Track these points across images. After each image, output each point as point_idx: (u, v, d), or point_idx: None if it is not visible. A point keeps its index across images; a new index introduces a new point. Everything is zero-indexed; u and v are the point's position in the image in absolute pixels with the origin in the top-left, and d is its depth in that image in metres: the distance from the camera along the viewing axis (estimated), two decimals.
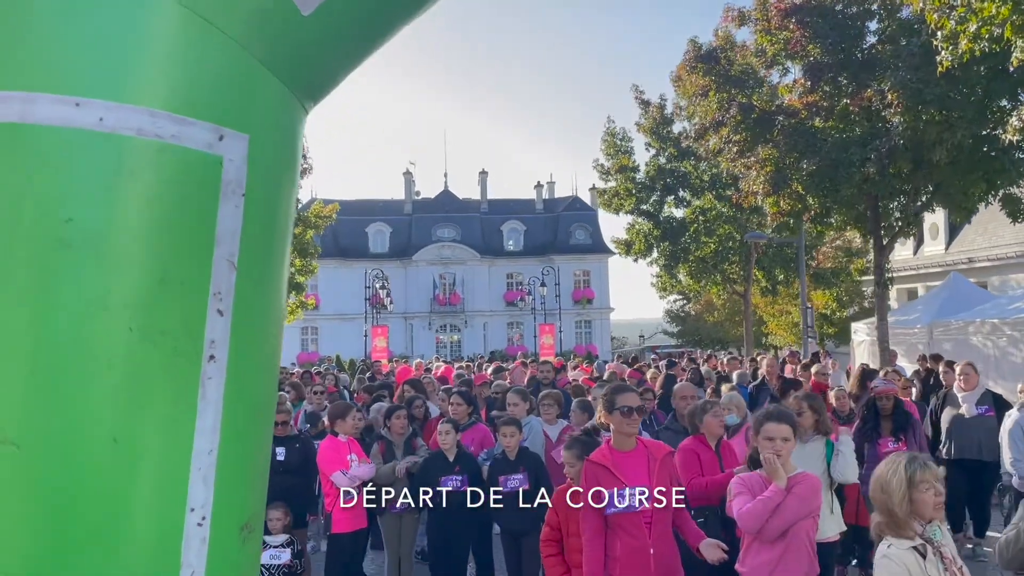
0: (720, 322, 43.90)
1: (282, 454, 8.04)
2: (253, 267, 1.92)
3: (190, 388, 1.79)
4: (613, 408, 4.55)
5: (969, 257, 32.29)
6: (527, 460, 7.02)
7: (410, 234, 63.53)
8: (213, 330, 1.83)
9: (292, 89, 2.08)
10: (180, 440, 1.78)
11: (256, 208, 1.92)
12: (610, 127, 23.24)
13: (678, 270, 22.87)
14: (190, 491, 1.78)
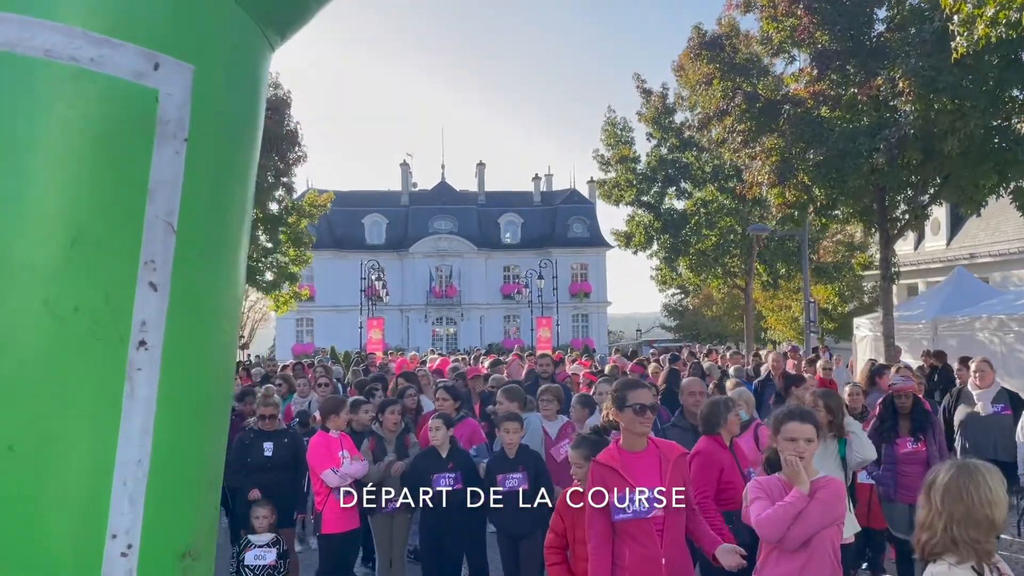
0: (719, 316, 43.58)
1: (270, 450, 7.66)
2: (198, 232, 1.52)
3: (112, 382, 1.39)
4: (624, 405, 4.17)
5: (971, 252, 31.99)
6: (527, 458, 6.66)
7: (407, 226, 63.13)
8: (144, 309, 1.42)
9: (254, 17, 1.68)
10: (99, 448, 1.38)
11: (203, 157, 1.52)
12: (610, 117, 22.87)
13: (678, 263, 22.46)
14: (111, 512, 1.38)
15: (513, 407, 7.39)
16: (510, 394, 7.62)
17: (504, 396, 7.64)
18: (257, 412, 7.74)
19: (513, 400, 7.50)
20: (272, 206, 22.44)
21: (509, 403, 7.48)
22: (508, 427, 6.57)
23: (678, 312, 51.19)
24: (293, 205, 23.18)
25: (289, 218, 22.83)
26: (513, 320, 63.39)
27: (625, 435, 4.24)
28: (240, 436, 7.81)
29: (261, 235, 22.54)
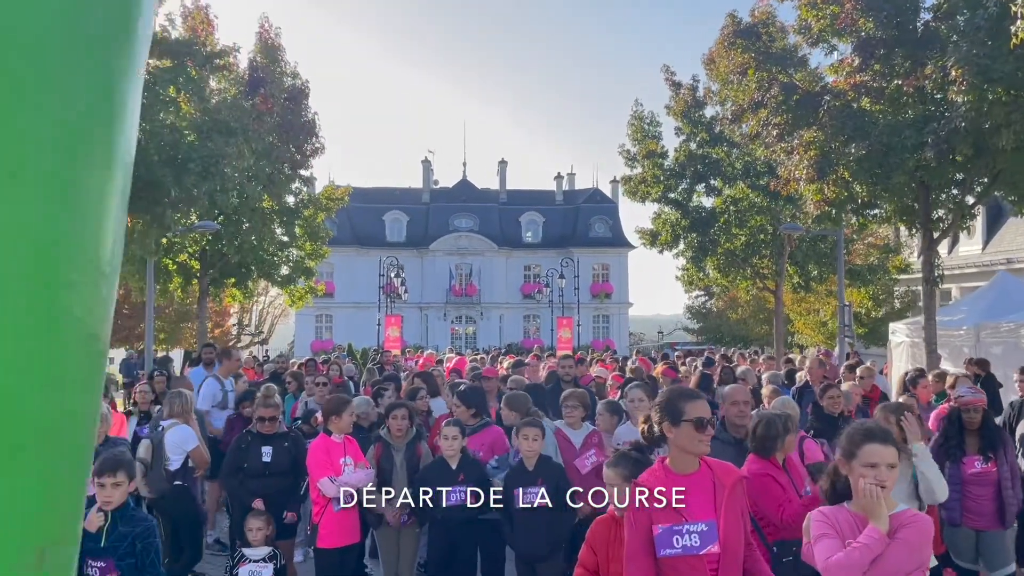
0: (743, 320, 42.62)
1: (268, 454, 7.03)
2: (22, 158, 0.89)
3: None
4: (680, 419, 3.46)
5: (1008, 257, 30.92)
6: (547, 471, 5.99)
7: (427, 223, 62.69)
8: None
9: None
10: None
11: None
12: (637, 110, 22.09)
13: (705, 263, 21.65)
14: None
15: (513, 418, 6.72)
16: (512, 403, 6.93)
17: (505, 405, 6.95)
18: (255, 414, 7.11)
19: (514, 410, 6.82)
20: (288, 199, 21.89)
21: (509, 412, 6.82)
22: (527, 433, 5.90)
23: (702, 314, 50.23)
24: (310, 198, 22.62)
25: (305, 211, 22.28)
26: (533, 320, 62.75)
27: (675, 454, 3.54)
28: (237, 439, 7.20)
29: (277, 228, 22.00)
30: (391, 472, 6.53)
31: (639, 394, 6.95)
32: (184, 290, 22.60)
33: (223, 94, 18.38)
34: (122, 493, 4.47)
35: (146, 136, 13.65)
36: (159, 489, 7.21)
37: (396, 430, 6.63)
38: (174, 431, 7.45)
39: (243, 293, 23.22)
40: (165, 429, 7.47)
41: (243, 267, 21.70)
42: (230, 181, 15.42)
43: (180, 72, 14.73)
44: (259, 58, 20.16)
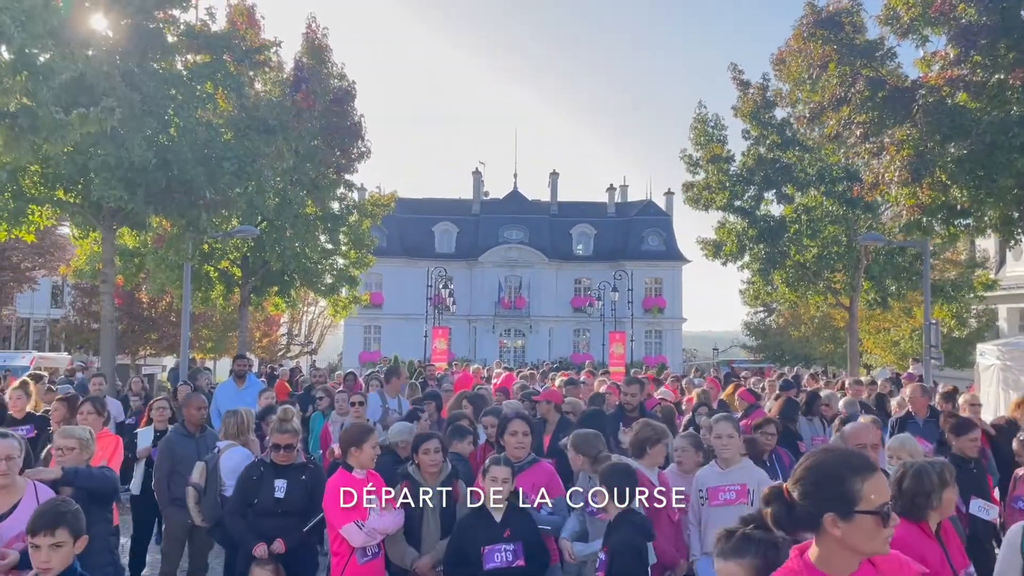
0: (807, 337, 40.67)
1: (282, 489, 5.92)
2: None
3: None
4: (853, 507, 2.23)
5: None
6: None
7: (477, 234, 61.94)
8: None
9: None
10: None
11: None
12: (700, 113, 20.69)
13: (773, 276, 20.13)
14: None
15: (580, 463, 5.47)
16: (581, 445, 5.64)
17: (573, 446, 5.67)
18: (269, 440, 6.03)
19: (583, 453, 5.56)
20: (333, 204, 21.05)
21: (576, 455, 5.59)
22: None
23: (760, 331, 48.28)
24: (355, 204, 21.75)
25: (351, 218, 21.41)
26: (583, 334, 61.43)
27: (832, 550, 2.31)
28: (247, 470, 6.12)
29: (320, 235, 21.18)
30: (421, 517, 5.39)
31: (728, 429, 5.69)
32: (226, 298, 21.90)
33: (268, 95, 17.65)
34: (64, 556, 3.41)
35: (179, 133, 12.85)
36: (213, 516, 6.50)
37: (428, 466, 5.48)
38: (230, 453, 6.65)
39: (285, 302, 22.42)
40: (221, 451, 6.70)
41: (285, 275, 20.90)
42: (268, 182, 14.58)
43: (218, 67, 13.94)
44: (305, 59, 19.43)
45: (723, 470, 5.45)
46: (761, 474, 5.41)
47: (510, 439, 5.63)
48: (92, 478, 4.99)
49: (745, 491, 5.30)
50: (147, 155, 11.89)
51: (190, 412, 7.48)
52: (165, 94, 12.93)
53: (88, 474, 5.01)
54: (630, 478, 4.70)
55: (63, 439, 5.30)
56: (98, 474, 5.07)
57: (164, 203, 13.33)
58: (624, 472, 4.73)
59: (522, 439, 5.57)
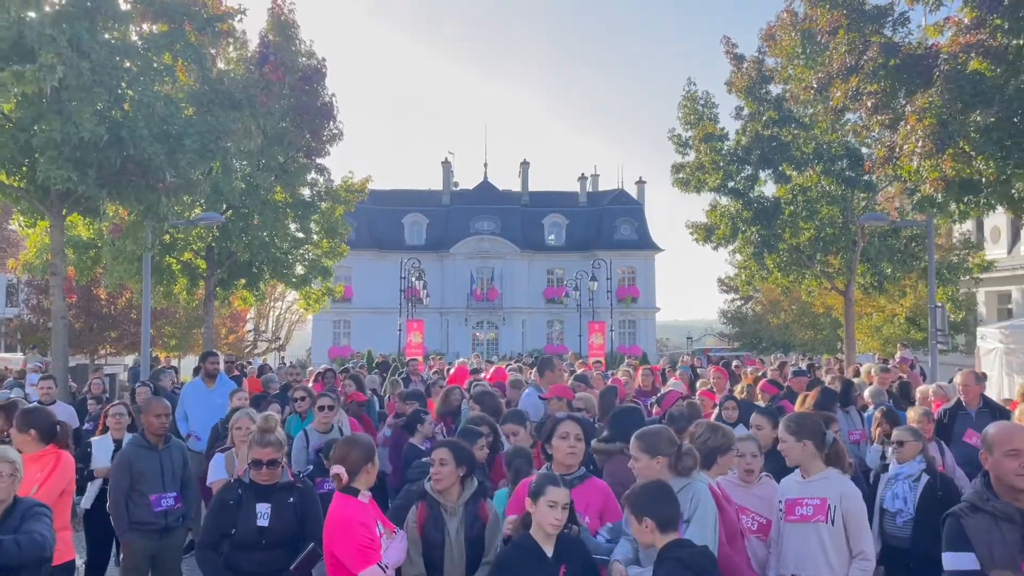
0: (786, 324, 40.13)
1: (265, 516, 4.82)
2: None
3: None
4: None
5: None
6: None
7: (447, 226, 60.91)
8: None
9: None
10: None
11: None
12: (690, 91, 19.73)
13: (768, 260, 19.28)
14: None
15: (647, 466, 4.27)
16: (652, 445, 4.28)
17: (641, 449, 4.29)
18: (249, 455, 4.92)
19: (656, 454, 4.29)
20: (303, 191, 19.77)
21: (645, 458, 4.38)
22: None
23: (738, 319, 47.73)
24: (327, 190, 20.49)
25: (322, 204, 20.15)
26: (557, 325, 60.69)
27: None
28: (220, 493, 5.00)
29: (290, 223, 19.90)
30: (442, 545, 4.33)
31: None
32: (190, 292, 20.55)
33: (232, 73, 16.36)
34: None
35: (134, 108, 11.59)
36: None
37: (436, 481, 4.41)
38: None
39: (254, 295, 21.12)
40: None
41: (254, 267, 19.61)
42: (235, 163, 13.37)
43: (178, 37, 12.67)
44: (271, 36, 18.13)
45: (804, 479, 4.48)
46: (847, 486, 4.44)
47: (560, 444, 4.54)
48: (16, 554, 3.98)
49: (824, 506, 4.33)
50: (98, 130, 10.63)
51: (149, 420, 6.34)
52: (117, 65, 11.65)
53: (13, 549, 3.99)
54: (671, 498, 3.68)
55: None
56: (25, 544, 4.04)
57: (119, 186, 12.05)
58: (662, 491, 3.71)
59: (574, 444, 4.52)
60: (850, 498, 4.35)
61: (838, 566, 4.29)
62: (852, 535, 4.30)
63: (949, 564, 3.79)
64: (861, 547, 4.29)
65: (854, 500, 4.35)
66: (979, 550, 3.69)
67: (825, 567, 4.28)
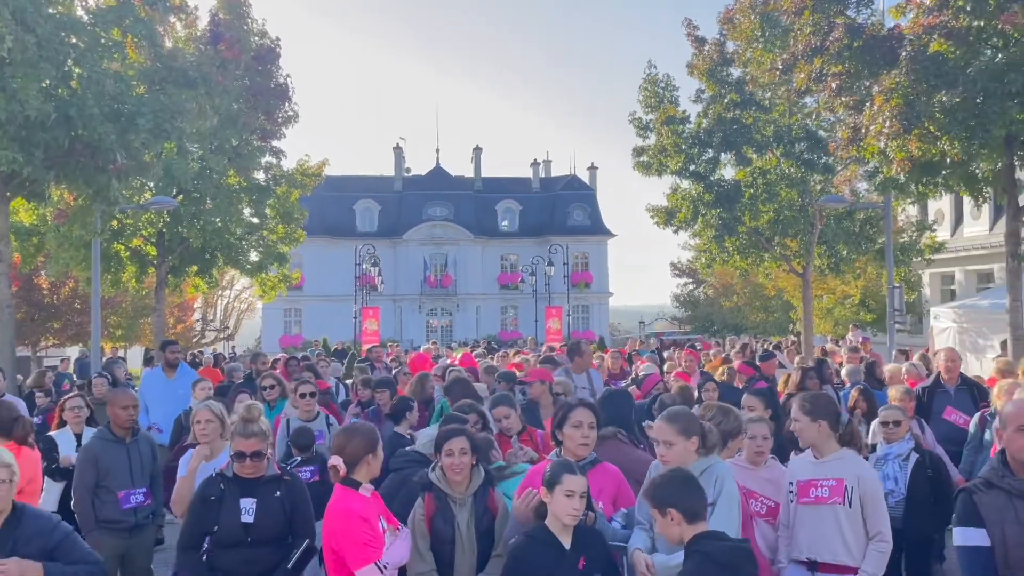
0: (738, 307, 40.62)
1: (250, 511, 4.53)
2: None
3: None
4: None
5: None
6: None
7: (400, 212, 60.30)
8: None
9: None
10: None
11: None
12: (650, 73, 19.65)
13: (728, 243, 19.35)
14: None
15: (684, 448, 4.03)
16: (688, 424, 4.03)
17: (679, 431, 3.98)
18: (232, 446, 4.61)
19: (690, 435, 3.99)
20: (258, 174, 19.18)
21: (681, 439, 4.02)
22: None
23: (690, 303, 48.19)
24: (282, 174, 19.93)
25: (278, 189, 19.58)
26: (511, 311, 60.63)
27: None
28: (202, 488, 4.70)
29: (245, 208, 19.32)
30: (452, 538, 4.11)
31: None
32: (139, 280, 19.84)
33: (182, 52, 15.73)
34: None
35: (83, 85, 11.02)
36: None
37: (453, 472, 4.19)
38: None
39: (207, 283, 20.49)
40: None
41: (207, 253, 18.99)
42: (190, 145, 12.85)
43: (126, 12, 12.07)
44: (221, 14, 17.48)
45: (817, 460, 4.36)
46: (863, 467, 4.33)
47: (573, 432, 4.31)
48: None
49: (841, 487, 4.21)
50: (45, 108, 10.06)
51: (116, 412, 5.97)
52: (64, 41, 11.05)
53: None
54: (697, 487, 3.51)
55: None
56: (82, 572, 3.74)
57: (67, 168, 11.46)
58: (686, 480, 3.53)
59: (588, 433, 4.30)
60: (868, 479, 4.25)
61: (855, 548, 4.18)
62: (869, 516, 4.19)
63: (959, 539, 3.72)
64: (879, 528, 4.20)
65: (872, 481, 4.26)
66: (991, 527, 3.62)
67: (842, 549, 4.18)
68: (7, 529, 3.65)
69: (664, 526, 3.43)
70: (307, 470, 6.17)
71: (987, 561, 3.61)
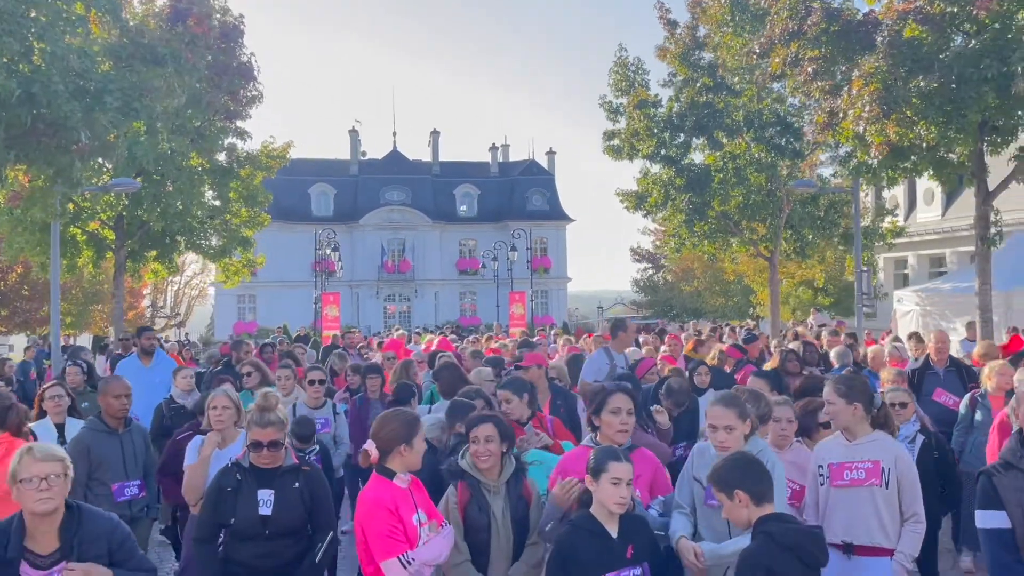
0: (698, 291, 41.01)
1: (268, 503, 4.34)
2: None
3: None
4: None
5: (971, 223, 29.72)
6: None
7: (356, 196, 59.54)
8: None
9: None
10: None
11: None
12: (621, 56, 19.55)
13: (698, 227, 19.41)
14: None
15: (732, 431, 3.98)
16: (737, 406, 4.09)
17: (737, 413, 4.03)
18: (249, 436, 4.40)
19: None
20: (220, 156, 18.65)
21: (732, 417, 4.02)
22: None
23: (650, 287, 48.53)
24: (246, 156, 19.41)
25: (241, 171, 19.06)
26: (470, 296, 60.41)
27: None
28: (218, 478, 4.49)
29: (207, 191, 18.78)
30: (488, 526, 3.98)
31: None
32: (96, 265, 19.19)
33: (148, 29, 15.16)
34: None
35: (47, 61, 10.51)
36: None
37: (482, 460, 4.06)
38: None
39: (167, 268, 19.93)
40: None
41: (167, 237, 18.44)
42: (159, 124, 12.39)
43: None
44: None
45: (850, 442, 4.32)
46: (899, 449, 4.31)
47: (611, 419, 4.19)
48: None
49: (878, 469, 4.18)
50: (8, 84, 9.56)
51: (109, 402, 5.70)
52: (24, 14, 10.52)
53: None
54: (763, 469, 3.46)
55: None
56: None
57: (28, 147, 10.94)
58: (752, 463, 3.48)
59: (626, 419, 4.19)
60: (905, 460, 4.22)
61: (891, 530, 4.16)
62: (906, 497, 4.17)
63: (980, 522, 3.72)
64: (915, 509, 4.18)
65: (908, 462, 4.23)
66: (1011, 508, 3.62)
67: (879, 531, 4.15)
68: (69, 530, 3.41)
69: (732, 509, 3.37)
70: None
71: (1008, 542, 3.61)
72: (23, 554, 3.32)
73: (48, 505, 3.35)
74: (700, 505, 3.99)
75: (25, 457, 3.47)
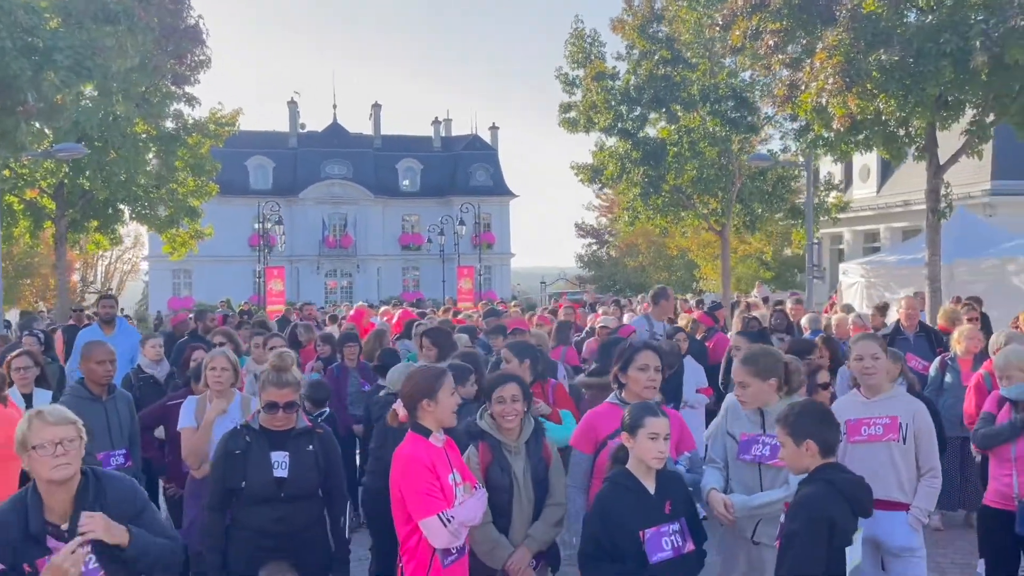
0: (642, 266, 41.48)
1: (283, 466, 4.20)
2: None
3: None
4: None
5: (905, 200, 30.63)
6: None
7: (295, 170, 58.31)
8: None
9: None
10: None
11: None
12: (578, 28, 19.45)
13: (652, 201, 19.56)
14: None
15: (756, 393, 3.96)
16: (767, 366, 4.04)
17: (754, 373, 4.01)
18: (263, 396, 4.24)
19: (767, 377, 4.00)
20: (167, 123, 17.98)
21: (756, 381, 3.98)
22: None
23: (595, 262, 48.88)
24: (194, 123, 18.77)
25: (189, 138, 18.42)
26: (412, 272, 59.97)
27: None
28: (225, 440, 4.32)
29: (153, 159, 18.12)
30: (509, 487, 3.93)
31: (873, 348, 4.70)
32: (33, 235, 18.39)
33: None
34: None
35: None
36: None
37: (506, 420, 4.00)
38: None
39: (110, 240, 19.21)
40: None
41: (110, 207, 17.76)
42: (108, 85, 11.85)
43: None
44: None
45: (868, 399, 4.39)
46: (918, 404, 4.39)
47: (638, 375, 4.16)
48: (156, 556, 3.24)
49: (896, 424, 4.26)
50: None
51: (92, 368, 5.45)
52: None
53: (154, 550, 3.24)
54: (833, 421, 3.51)
55: None
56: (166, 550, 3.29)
57: None
58: (824, 413, 3.52)
59: (654, 376, 4.16)
60: (922, 415, 4.31)
61: (908, 485, 4.25)
62: (922, 453, 4.27)
63: None
64: (931, 464, 4.28)
65: (926, 418, 4.32)
66: None
67: (895, 486, 4.23)
68: (90, 494, 3.17)
69: (794, 455, 3.39)
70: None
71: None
72: (47, 528, 3.11)
73: (66, 471, 3.11)
74: (732, 460, 4.01)
75: (35, 421, 3.16)
